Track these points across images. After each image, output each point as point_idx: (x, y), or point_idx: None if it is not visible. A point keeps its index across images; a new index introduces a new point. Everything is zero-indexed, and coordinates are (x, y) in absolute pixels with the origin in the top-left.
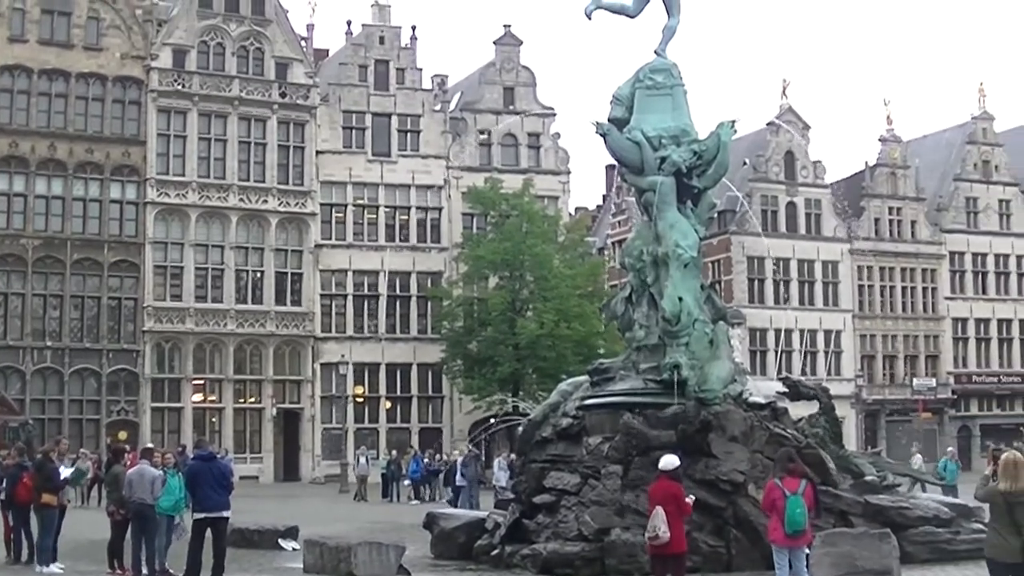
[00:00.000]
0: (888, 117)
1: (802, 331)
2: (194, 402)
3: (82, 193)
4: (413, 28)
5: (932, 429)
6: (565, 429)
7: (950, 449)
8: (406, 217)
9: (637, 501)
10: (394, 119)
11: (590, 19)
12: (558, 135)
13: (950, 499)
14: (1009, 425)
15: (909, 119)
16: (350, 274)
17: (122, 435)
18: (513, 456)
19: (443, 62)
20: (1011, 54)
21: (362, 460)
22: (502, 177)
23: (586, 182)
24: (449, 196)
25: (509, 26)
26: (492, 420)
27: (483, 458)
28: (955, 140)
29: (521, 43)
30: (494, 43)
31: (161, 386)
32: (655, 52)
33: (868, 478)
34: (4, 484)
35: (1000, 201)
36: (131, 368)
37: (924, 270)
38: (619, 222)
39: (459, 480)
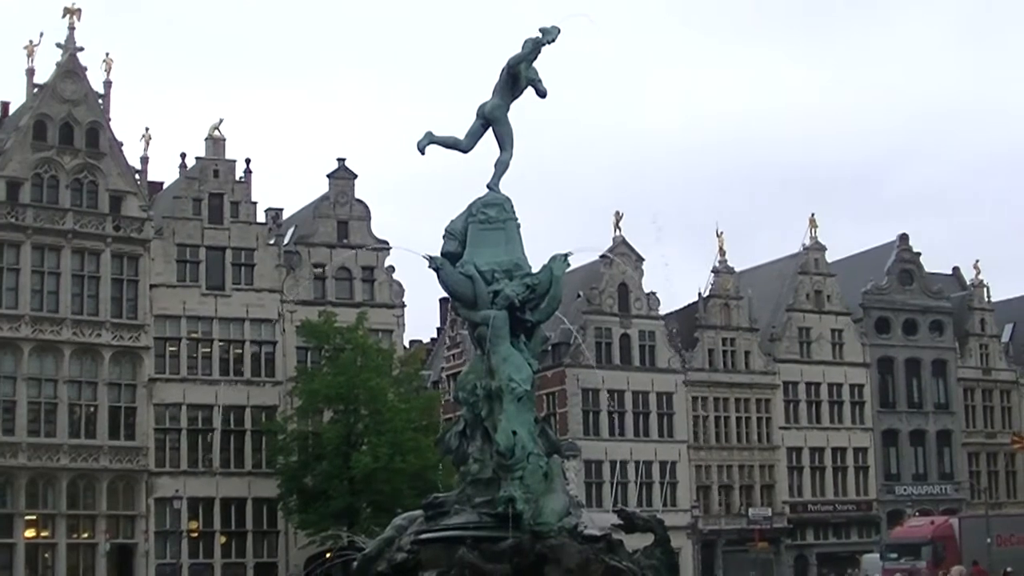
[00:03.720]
0: (721, 248)
1: (637, 462)
2: (26, 538)
3: None
4: (247, 161)
5: (769, 559)
6: (400, 564)
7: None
8: (240, 351)
9: None
10: (228, 252)
11: (423, 154)
12: (392, 268)
13: None
14: (845, 553)
15: (742, 249)
16: (184, 408)
17: None
18: None
19: (277, 195)
20: (841, 184)
21: None
22: (336, 310)
23: (421, 315)
24: (283, 330)
25: (343, 160)
26: (327, 555)
27: None
28: (787, 270)
29: (355, 176)
30: (328, 176)
31: None
32: (488, 186)
33: None
34: None
35: (832, 331)
36: None
37: (758, 400)
38: (453, 355)
39: None
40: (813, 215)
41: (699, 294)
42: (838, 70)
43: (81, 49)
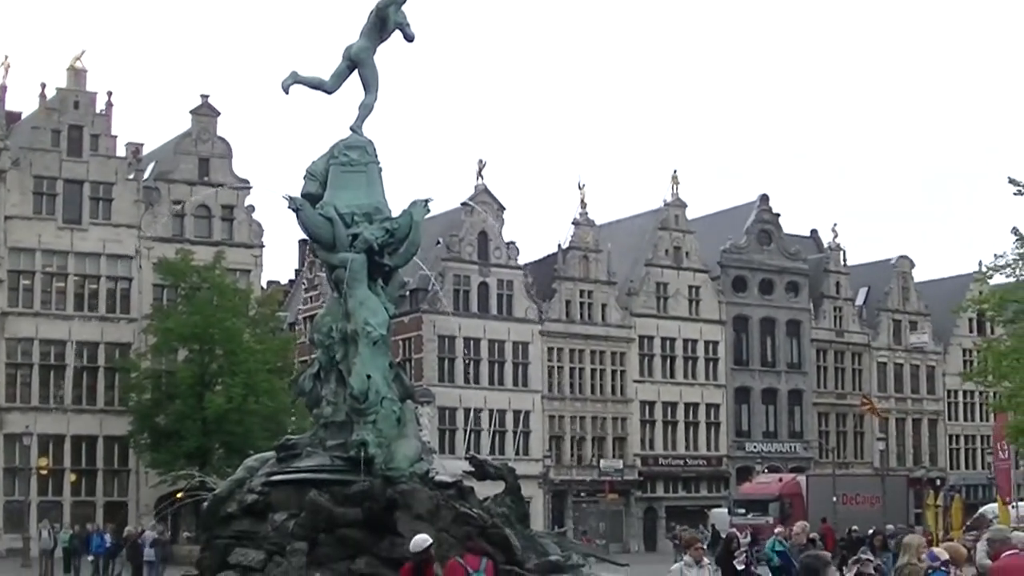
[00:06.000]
0: (582, 200)
1: (491, 411)
2: None
3: None
4: (109, 94)
5: (618, 510)
6: (251, 505)
7: (778, 529)
8: (95, 286)
9: None
10: (86, 186)
11: (287, 93)
12: (252, 208)
13: None
14: (694, 507)
15: (603, 203)
16: (36, 343)
17: None
18: (159, 531)
19: (139, 130)
20: (704, 143)
21: (44, 534)
22: (194, 248)
23: (279, 256)
24: (140, 266)
25: (207, 96)
26: (178, 495)
27: (169, 533)
28: (647, 226)
29: (219, 114)
30: (191, 113)
31: None
32: (351, 129)
33: (553, 558)
34: None
35: (690, 287)
36: None
37: (614, 353)
38: (311, 297)
39: (147, 555)
40: (675, 171)
41: (559, 246)
42: (699, 29)
43: None
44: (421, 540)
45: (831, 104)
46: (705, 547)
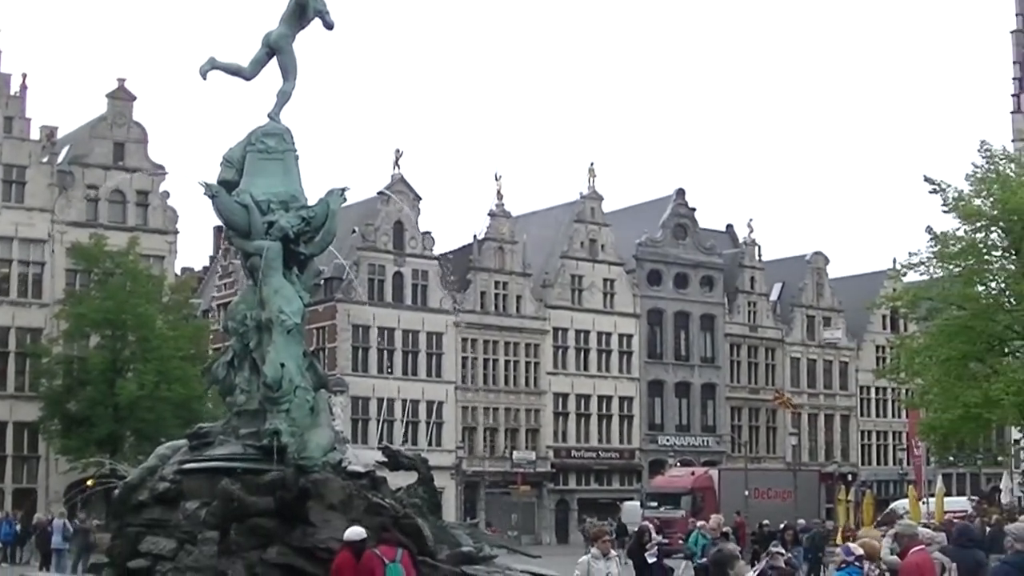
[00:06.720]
0: (498, 192)
1: (405, 401)
2: None
3: None
4: (24, 76)
5: (531, 502)
6: (162, 493)
7: (700, 523)
8: (7, 270)
9: (234, 568)
10: None
11: (205, 79)
12: (167, 194)
13: (546, 571)
14: (607, 500)
15: (519, 195)
16: None
17: None
18: (80, 519)
19: (54, 113)
20: (621, 136)
21: None
22: (108, 234)
23: (194, 243)
24: (53, 251)
25: (123, 80)
26: (89, 482)
27: (93, 521)
28: (564, 218)
29: (135, 98)
30: (107, 96)
31: None
32: (268, 116)
33: (465, 549)
34: None
35: (605, 280)
36: None
37: (528, 344)
38: (225, 284)
39: (55, 543)
40: (592, 164)
41: (474, 237)
42: (616, 23)
43: None
44: (359, 530)
45: (749, 100)
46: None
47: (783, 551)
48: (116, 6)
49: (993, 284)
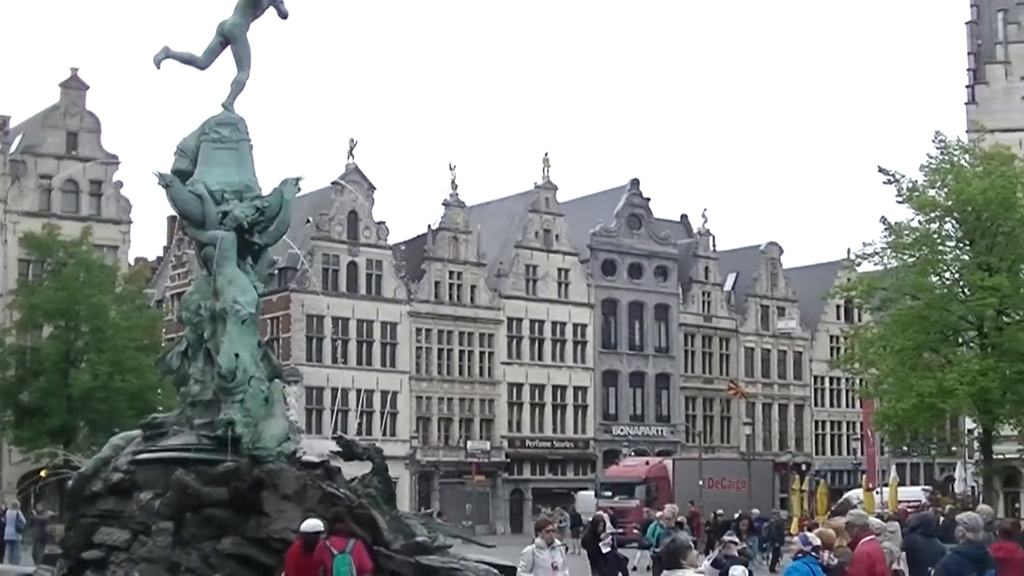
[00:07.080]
0: (453, 181)
1: (359, 391)
2: None
3: None
4: None
5: (485, 492)
6: (116, 484)
7: (659, 513)
8: None
9: (189, 558)
10: None
11: (159, 68)
12: (120, 183)
13: (498, 560)
14: (561, 490)
15: (474, 185)
16: None
17: None
18: (38, 510)
19: (6, 102)
20: (576, 126)
21: None
22: (61, 223)
23: (147, 233)
24: (5, 240)
25: (77, 69)
26: (42, 473)
27: (49, 512)
28: (518, 208)
29: (88, 88)
30: (60, 86)
31: None
32: (223, 105)
33: (419, 539)
34: None
35: (559, 270)
36: None
37: (482, 334)
38: (179, 275)
39: (8, 534)
40: (547, 154)
41: (429, 226)
42: (571, 12)
43: None
44: (315, 523)
45: (703, 90)
46: (557, 528)
47: (736, 540)
48: None
49: (947, 274)
